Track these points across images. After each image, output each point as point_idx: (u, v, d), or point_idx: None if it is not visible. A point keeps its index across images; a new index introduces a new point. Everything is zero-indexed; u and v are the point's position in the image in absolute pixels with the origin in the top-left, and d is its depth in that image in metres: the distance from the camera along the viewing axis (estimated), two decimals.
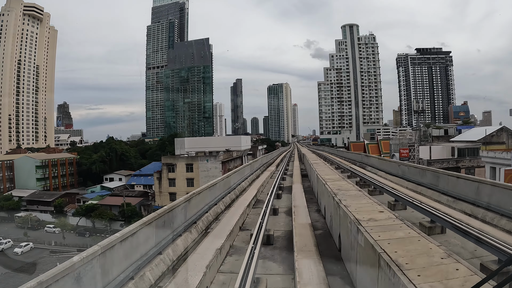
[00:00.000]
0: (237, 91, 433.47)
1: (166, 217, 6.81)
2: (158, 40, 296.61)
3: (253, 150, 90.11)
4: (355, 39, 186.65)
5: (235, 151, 65.35)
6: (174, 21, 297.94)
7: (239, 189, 16.82)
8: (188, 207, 8.30)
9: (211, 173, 52.35)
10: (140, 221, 5.67)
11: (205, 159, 52.23)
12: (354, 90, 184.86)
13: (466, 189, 10.66)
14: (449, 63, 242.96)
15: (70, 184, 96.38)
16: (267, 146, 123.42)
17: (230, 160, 58.77)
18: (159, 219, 6.36)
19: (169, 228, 6.89)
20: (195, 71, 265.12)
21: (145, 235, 5.76)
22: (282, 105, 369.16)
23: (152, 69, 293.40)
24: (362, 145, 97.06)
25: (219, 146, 67.55)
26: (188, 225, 7.97)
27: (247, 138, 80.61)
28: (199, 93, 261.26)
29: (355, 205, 7.62)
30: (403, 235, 5.36)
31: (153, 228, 6.08)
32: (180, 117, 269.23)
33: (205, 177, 52.95)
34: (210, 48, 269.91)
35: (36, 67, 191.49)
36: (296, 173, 23.35)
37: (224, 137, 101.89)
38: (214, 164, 51.72)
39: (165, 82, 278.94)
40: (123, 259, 4.97)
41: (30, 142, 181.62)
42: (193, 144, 70.09)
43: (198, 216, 9.01)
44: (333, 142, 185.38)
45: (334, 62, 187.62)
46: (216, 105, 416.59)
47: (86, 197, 70.32)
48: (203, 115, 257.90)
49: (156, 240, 6.18)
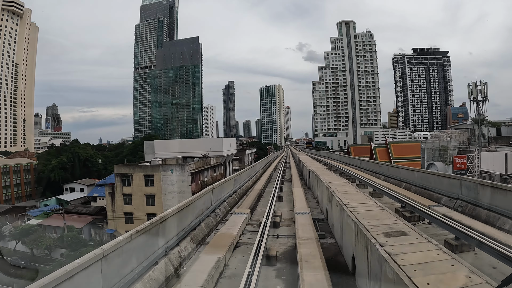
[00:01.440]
0: (229, 94, 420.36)
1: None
2: (147, 39, 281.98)
3: (240, 155, 76.45)
4: (352, 36, 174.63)
5: (215, 156, 51.97)
6: (164, 20, 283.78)
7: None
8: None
9: (178, 187, 38.73)
10: None
11: (169, 169, 38.76)
12: (351, 90, 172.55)
13: None
14: (447, 63, 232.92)
15: (27, 194, 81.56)
16: (258, 150, 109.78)
17: (206, 169, 45.05)
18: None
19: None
20: (184, 71, 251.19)
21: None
22: (275, 107, 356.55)
23: (140, 69, 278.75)
24: (366, 149, 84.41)
25: (195, 151, 54.06)
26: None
27: (231, 141, 66.84)
28: (188, 94, 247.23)
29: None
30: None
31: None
32: (168, 119, 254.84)
33: (170, 193, 39.29)
34: (200, 47, 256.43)
35: (14, 65, 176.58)
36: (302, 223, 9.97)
37: (203, 139, 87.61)
38: (182, 176, 38.19)
39: (152, 83, 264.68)
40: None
41: (8, 145, 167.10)
42: (164, 148, 56.42)
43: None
44: (329, 145, 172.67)
45: (330, 60, 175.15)
46: (207, 107, 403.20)
47: (29, 214, 55.81)
48: (192, 117, 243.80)
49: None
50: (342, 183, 12.86)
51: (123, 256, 4.79)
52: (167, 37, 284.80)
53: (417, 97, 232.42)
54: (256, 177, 23.85)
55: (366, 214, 6.81)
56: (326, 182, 12.41)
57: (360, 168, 27.07)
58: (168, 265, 5.74)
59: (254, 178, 22.88)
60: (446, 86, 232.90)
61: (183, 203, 7.62)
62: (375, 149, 65.60)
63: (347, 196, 9.07)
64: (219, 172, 52.35)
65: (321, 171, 19.68)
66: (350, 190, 10.51)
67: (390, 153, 62.40)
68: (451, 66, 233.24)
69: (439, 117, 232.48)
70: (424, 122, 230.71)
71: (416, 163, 58.76)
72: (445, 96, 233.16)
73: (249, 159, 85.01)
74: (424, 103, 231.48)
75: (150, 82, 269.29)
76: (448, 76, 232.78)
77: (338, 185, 12.05)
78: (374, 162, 27.98)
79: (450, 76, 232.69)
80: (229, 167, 66.35)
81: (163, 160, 46.82)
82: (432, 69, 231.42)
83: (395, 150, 63.35)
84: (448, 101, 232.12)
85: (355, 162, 30.64)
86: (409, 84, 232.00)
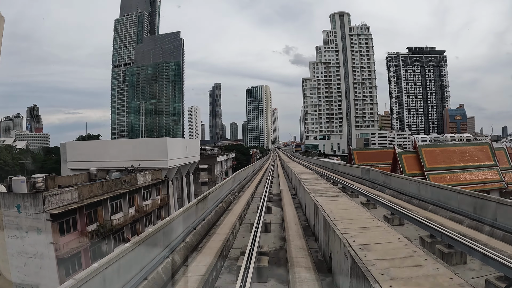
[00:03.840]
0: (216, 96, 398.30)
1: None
2: (126, 35, 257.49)
3: (209, 163, 54.83)
4: (346, 29, 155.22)
5: (151, 169, 30.70)
6: (144, 14, 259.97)
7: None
8: None
9: (32, 244, 17.32)
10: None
11: (15, 203, 17.62)
12: (345, 87, 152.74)
13: None
14: (443, 63, 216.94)
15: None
16: (239, 155, 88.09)
17: (114, 199, 23.17)
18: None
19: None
20: (163, 68, 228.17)
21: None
22: (262, 109, 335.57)
23: (118, 66, 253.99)
24: (375, 155, 64.70)
25: (125, 159, 32.67)
26: None
27: (190, 144, 44.71)
28: (167, 92, 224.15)
29: None
30: None
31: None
32: (147, 120, 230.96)
33: (19, 256, 17.81)
34: (181, 43, 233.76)
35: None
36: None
37: (139, 140, 64.07)
38: (35, 221, 16.86)
39: (130, 80, 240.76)
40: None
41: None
42: (81, 153, 34.76)
43: None
44: (321, 149, 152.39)
45: (322, 55, 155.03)
46: (191, 108, 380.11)
47: None
48: (172, 118, 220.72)
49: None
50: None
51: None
52: (148, 33, 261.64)
53: (412, 98, 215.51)
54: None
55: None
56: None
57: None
58: None
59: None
60: (442, 87, 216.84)
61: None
62: (401, 155, 45.01)
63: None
64: (158, 198, 30.73)
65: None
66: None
67: (422, 161, 42.06)
68: (447, 66, 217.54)
69: (435, 119, 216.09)
70: (419, 125, 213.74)
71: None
72: (441, 97, 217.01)
73: (224, 167, 63.45)
74: (420, 104, 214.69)
75: (129, 80, 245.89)
76: (444, 76, 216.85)
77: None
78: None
79: (447, 77, 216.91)
80: (187, 183, 44.60)
81: (46, 179, 25.12)
82: (428, 69, 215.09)
83: (429, 158, 43.05)
84: (445, 103, 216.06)
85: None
86: (404, 85, 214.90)
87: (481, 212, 9.38)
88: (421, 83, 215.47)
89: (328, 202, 9.70)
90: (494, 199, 9.19)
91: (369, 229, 6.58)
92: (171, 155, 33.30)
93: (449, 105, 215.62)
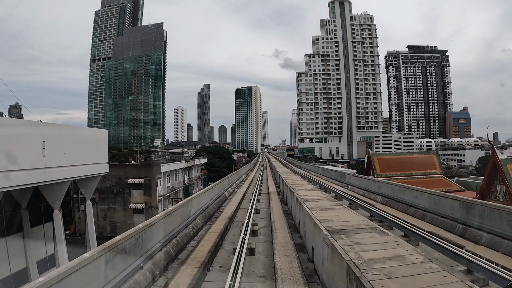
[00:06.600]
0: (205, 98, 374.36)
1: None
2: (107, 27, 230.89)
3: (147, 175, 31.38)
4: (347, 18, 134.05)
5: None
6: (126, 5, 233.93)
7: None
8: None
9: None
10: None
11: None
12: (346, 83, 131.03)
13: None
14: (446, 63, 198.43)
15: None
16: (215, 160, 64.37)
17: None
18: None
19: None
20: (143, 62, 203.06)
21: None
22: (251, 111, 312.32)
23: (97, 61, 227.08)
24: (408, 162, 44.34)
25: None
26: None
27: (77, 135, 21.51)
28: (146, 88, 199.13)
29: None
30: None
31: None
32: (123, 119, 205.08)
33: None
34: (164, 35, 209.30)
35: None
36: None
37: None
38: None
39: (107, 76, 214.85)
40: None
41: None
42: None
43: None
44: (317, 153, 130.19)
45: (319, 47, 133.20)
46: (177, 109, 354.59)
47: None
48: (151, 117, 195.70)
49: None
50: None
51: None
52: (129, 25, 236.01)
53: (413, 99, 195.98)
54: None
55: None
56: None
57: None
58: None
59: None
60: (444, 88, 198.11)
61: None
62: (506, 165, 22.51)
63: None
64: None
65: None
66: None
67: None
68: (450, 67, 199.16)
69: (437, 122, 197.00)
70: (420, 128, 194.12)
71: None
72: (443, 99, 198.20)
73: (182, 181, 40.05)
74: (421, 106, 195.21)
75: (106, 76, 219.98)
76: (447, 77, 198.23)
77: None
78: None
79: (449, 78, 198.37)
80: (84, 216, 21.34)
81: None
82: (430, 69, 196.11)
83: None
84: (447, 105, 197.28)
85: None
86: (404, 85, 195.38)
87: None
88: (422, 84, 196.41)
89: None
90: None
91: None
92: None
93: (452, 107, 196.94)
